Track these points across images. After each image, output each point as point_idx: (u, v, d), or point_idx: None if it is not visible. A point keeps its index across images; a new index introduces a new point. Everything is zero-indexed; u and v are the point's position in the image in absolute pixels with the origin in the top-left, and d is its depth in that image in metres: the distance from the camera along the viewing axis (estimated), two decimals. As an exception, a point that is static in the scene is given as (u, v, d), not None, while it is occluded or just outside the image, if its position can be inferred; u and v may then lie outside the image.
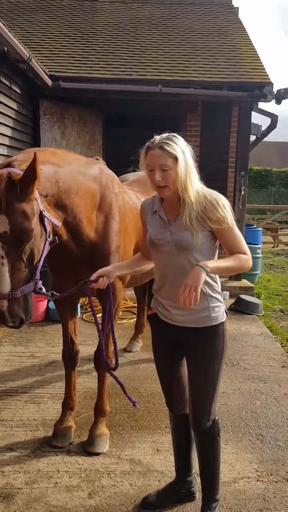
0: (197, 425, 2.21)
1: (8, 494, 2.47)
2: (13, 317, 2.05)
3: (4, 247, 1.95)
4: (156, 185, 2.00)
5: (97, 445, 2.84)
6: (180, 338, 2.19)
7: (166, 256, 2.07)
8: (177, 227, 2.03)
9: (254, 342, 4.83)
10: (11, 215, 1.93)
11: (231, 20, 8.88)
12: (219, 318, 2.12)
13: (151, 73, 6.54)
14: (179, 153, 1.95)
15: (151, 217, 2.17)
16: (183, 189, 1.97)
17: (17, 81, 5.65)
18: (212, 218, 1.97)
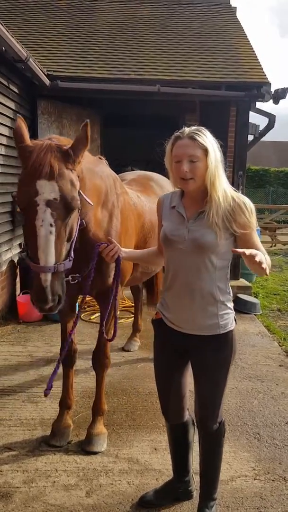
0: (204, 427, 2.20)
1: (6, 493, 2.47)
2: (54, 295, 1.96)
3: (54, 214, 1.92)
4: (182, 177, 1.90)
5: (95, 444, 2.84)
6: (185, 346, 2.10)
7: (180, 254, 1.98)
8: (197, 225, 1.94)
9: (252, 341, 4.84)
10: (61, 182, 1.93)
11: (229, 20, 8.90)
12: (228, 326, 2.04)
13: (149, 73, 6.55)
14: (210, 145, 1.89)
15: (168, 212, 2.08)
16: (211, 184, 1.89)
17: (15, 80, 5.65)
18: (238, 221, 1.90)
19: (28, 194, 1.93)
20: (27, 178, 1.95)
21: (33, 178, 1.92)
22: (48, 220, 1.91)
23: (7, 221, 5.47)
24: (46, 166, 1.91)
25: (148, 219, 3.33)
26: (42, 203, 1.91)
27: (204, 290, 1.98)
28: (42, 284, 1.93)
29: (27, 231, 2.00)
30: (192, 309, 2.01)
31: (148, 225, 3.33)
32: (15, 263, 5.74)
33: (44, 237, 1.91)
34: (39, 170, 1.91)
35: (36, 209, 1.91)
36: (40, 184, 1.91)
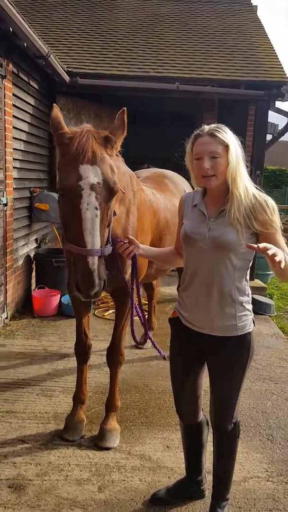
0: (218, 428, 2.19)
1: (19, 485, 2.50)
2: (100, 279, 1.96)
3: (98, 198, 1.96)
4: (203, 174, 1.89)
5: (107, 440, 2.85)
6: (202, 346, 2.09)
7: (199, 252, 1.97)
8: (218, 223, 1.93)
9: (266, 343, 4.81)
10: (103, 167, 1.98)
11: (249, 18, 8.83)
12: (246, 327, 2.02)
13: (169, 71, 6.54)
14: (230, 141, 1.89)
15: (190, 211, 2.07)
16: (232, 181, 1.88)
17: (35, 76, 5.69)
18: (258, 218, 1.88)
19: (72, 178, 1.96)
20: (69, 163, 1.98)
21: (76, 163, 1.96)
22: (93, 203, 1.94)
23: (24, 216, 5.51)
24: (88, 151, 1.96)
25: (163, 216, 3.33)
26: (86, 187, 1.94)
27: (223, 290, 1.97)
28: (89, 268, 1.93)
29: (69, 215, 2.01)
30: (210, 309, 1.99)
31: (163, 222, 3.33)
32: (31, 258, 5.78)
33: (90, 220, 1.94)
34: (81, 155, 1.95)
35: (81, 193, 1.94)
36: (83, 169, 1.95)
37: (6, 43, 4.50)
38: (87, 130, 2.05)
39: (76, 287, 2.01)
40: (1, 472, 2.59)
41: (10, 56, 4.68)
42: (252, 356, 2.08)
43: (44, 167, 6.42)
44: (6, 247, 4.78)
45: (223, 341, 2.01)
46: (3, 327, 4.81)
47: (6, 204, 4.72)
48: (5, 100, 4.58)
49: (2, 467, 2.63)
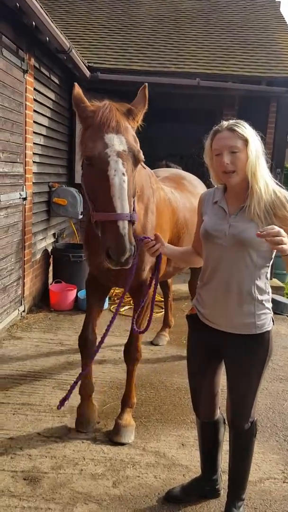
0: (235, 426, 2.17)
1: (34, 477, 2.51)
2: (131, 244, 1.97)
3: (124, 164, 2.01)
4: (223, 170, 1.88)
5: (123, 436, 2.84)
6: (220, 343, 2.07)
7: (219, 249, 1.95)
8: (239, 220, 1.91)
9: (283, 343, 4.75)
10: (127, 136, 2.06)
11: (272, 14, 8.72)
12: (265, 326, 2.00)
13: (189, 66, 6.49)
14: (250, 135, 1.88)
15: (210, 208, 2.06)
16: (252, 175, 1.86)
17: (56, 71, 5.71)
18: (278, 214, 1.86)
19: (98, 147, 2.01)
20: (95, 133, 2.04)
21: (101, 133, 2.02)
22: (120, 169, 1.99)
23: (42, 210, 5.54)
24: (112, 121, 2.03)
25: (182, 215, 3.32)
26: (113, 154, 1.99)
27: (242, 287, 1.95)
28: (120, 232, 1.94)
29: (97, 183, 2.04)
30: (229, 306, 1.97)
31: (182, 221, 3.32)
32: (48, 252, 5.82)
33: (118, 186, 1.98)
34: (106, 125, 2.02)
35: (108, 160, 1.99)
36: (109, 138, 2.01)
37: (29, 37, 4.51)
38: (109, 103, 2.12)
39: (107, 255, 2.00)
40: (16, 464, 2.61)
41: (32, 51, 4.70)
42: (270, 355, 2.05)
43: (63, 162, 6.44)
44: (24, 241, 4.81)
45: (241, 339, 1.99)
46: (20, 320, 4.85)
47: (25, 199, 4.74)
48: (26, 95, 4.59)
49: (18, 459, 2.65)
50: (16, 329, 4.60)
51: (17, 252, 4.64)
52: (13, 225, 4.48)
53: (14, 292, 4.64)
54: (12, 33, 4.14)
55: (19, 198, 4.58)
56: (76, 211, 5.81)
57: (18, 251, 4.67)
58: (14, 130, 4.32)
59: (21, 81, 4.45)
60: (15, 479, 2.49)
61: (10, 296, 4.54)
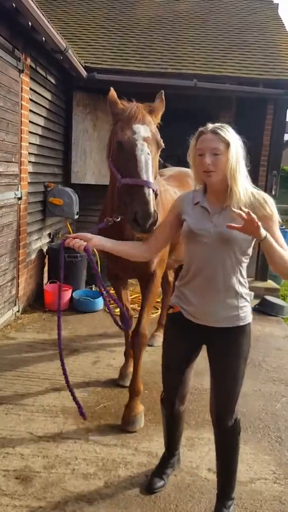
0: (220, 423, 2.21)
1: (26, 476, 2.51)
2: (155, 210, 2.26)
3: (149, 147, 2.43)
4: (205, 169, 1.98)
5: (133, 423, 3.02)
6: (204, 339, 2.16)
7: (205, 248, 2.03)
8: (222, 219, 2.00)
9: (277, 344, 4.76)
10: (150, 126, 2.52)
11: (270, 16, 8.73)
12: (247, 318, 2.11)
13: (187, 67, 6.50)
14: (232, 139, 1.98)
15: (190, 208, 2.13)
16: (231, 177, 1.96)
17: (53, 71, 5.71)
18: (258, 215, 1.92)
19: (129, 133, 2.45)
20: (125, 124, 2.49)
21: (131, 123, 2.48)
22: (146, 150, 2.40)
23: (38, 210, 5.54)
24: (139, 114, 2.51)
25: None
26: (140, 138, 2.43)
27: (227, 283, 2.04)
28: (146, 198, 2.25)
29: (127, 161, 2.41)
30: (214, 301, 2.06)
31: None
32: (43, 252, 5.81)
33: (144, 161, 2.37)
34: (134, 117, 2.49)
35: (136, 143, 2.41)
36: (136, 127, 2.47)
37: (25, 37, 4.51)
38: (135, 103, 2.60)
39: (134, 220, 2.26)
40: (9, 463, 2.61)
41: (28, 51, 4.70)
42: (250, 347, 2.16)
43: (58, 162, 6.44)
44: (19, 241, 4.81)
45: (226, 332, 2.09)
46: (14, 320, 4.85)
47: (20, 198, 4.75)
48: (22, 94, 4.60)
49: (10, 459, 2.65)
50: (10, 330, 4.60)
51: (11, 252, 4.64)
52: (7, 225, 4.48)
53: (8, 292, 4.64)
54: (8, 33, 4.14)
55: (14, 198, 4.58)
56: (72, 211, 5.81)
57: (12, 251, 4.67)
58: (9, 130, 4.32)
59: (17, 81, 4.45)
60: (7, 478, 2.50)
61: (4, 296, 4.54)
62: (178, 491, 2.49)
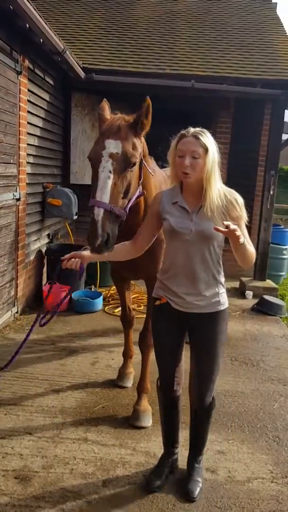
0: (201, 401, 2.43)
1: (25, 476, 2.53)
2: (103, 231, 2.19)
3: (114, 164, 2.29)
4: (183, 170, 2.13)
5: (142, 420, 3.09)
6: (189, 324, 2.35)
7: (186, 244, 2.21)
8: (199, 217, 2.19)
9: (276, 344, 4.78)
10: (124, 142, 2.35)
11: (268, 16, 8.73)
12: (225, 303, 2.35)
13: (184, 68, 6.51)
14: (210, 145, 2.15)
15: (169, 208, 2.29)
16: (207, 180, 2.14)
17: (51, 72, 5.72)
18: (232, 215, 2.18)
19: (98, 149, 2.35)
20: (100, 137, 2.41)
21: (104, 138, 2.36)
22: (108, 167, 2.28)
23: (36, 211, 5.56)
24: (115, 128, 2.38)
25: None
26: (106, 155, 2.31)
27: (208, 273, 2.26)
28: (94, 218, 2.21)
29: (93, 178, 2.34)
30: (199, 291, 2.27)
31: None
32: (42, 253, 5.83)
33: (102, 180, 2.27)
34: (109, 131, 2.37)
35: (101, 159, 2.31)
36: (108, 142, 2.34)
37: (23, 39, 4.53)
38: (120, 116, 2.48)
39: (87, 240, 2.26)
40: (8, 463, 2.63)
41: (26, 52, 4.71)
42: (227, 329, 2.43)
43: (57, 162, 6.46)
44: (18, 242, 4.83)
45: (209, 317, 2.30)
46: (13, 321, 4.86)
47: (19, 199, 4.76)
48: (20, 96, 4.61)
49: (9, 459, 2.67)
50: (8, 331, 4.62)
51: (10, 253, 4.66)
52: (6, 226, 4.49)
53: (7, 293, 4.65)
54: (5, 35, 4.15)
55: (12, 199, 4.59)
56: (71, 212, 5.82)
57: (11, 252, 4.68)
58: (7, 131, 4.34)
59: (15, 83, 4.47)
60: (6, 478, 2.52)
61: (3, 297, 4.56)
62: (175, 490, 2.51)
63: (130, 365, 3.70)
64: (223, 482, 2.59)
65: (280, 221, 13.62)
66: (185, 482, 2.51)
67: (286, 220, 14.92)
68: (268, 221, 6.62)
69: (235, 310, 5.60)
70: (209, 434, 2.63)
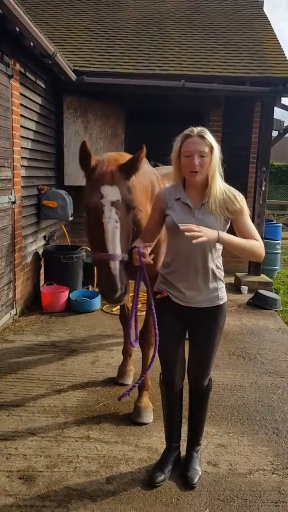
0: (199, 385, 2.55)
1: (29, 476, 2.56)
2: (122, 283, 2.24)
3: (118, 212, 2.28)
4: (192, 170, 2.20)
5: (143, 416, 3.12)
6: (189, 318, 2.41)
7: (188, 240, 2.16)
8: (202, 213, 2.25)
9: (272, 337, 4.84)
10: (121, 187, 2.32)
11: (255, 13, 8.80)
12: (224, 298, 2.42)
13: (174, 68, 6.55)
14: (214, 144, 2.24)
15: (172, 204, 2.33)
16: (212, 176, 2.23)
17: (42, 76, 5.75)
18: (229, 209, 2.25)
19: (95, 197, 2.29)
20: (93, 185, 2.33)
21: (99, 184, 2.30)
22: (113, 217, 2.27)
23: (32, 213, 5.58)
24: (108, 175, 2.31)
25: None
26: (107, 203, 2.27)
27: (208, 269, 2.32)
28: (112, 272, 2.23)
29: (94, 228, 2.31)
30: (199, 286, 2.33)
31: None
32: (39, 255, 5.85)
33: (111, 231, 2.26)
34: (103, 178, 2.30)
35: (103, 209, 2.27)
36: (104, 189, 2.29)
37: (13, 43, 4.55)
38: (108, 158, 2.40)
39: (102, 292, 2.31)
40: (12, 464, 2.66)
41: (17, 56, 4.73)
42: (225, 321, 2.49)
43: (51, 164, 6.48)
44: (14, 244, 4.85)
45: (208, 311, 2.36)
46: (12, 323, 4.89)
47: (14, 202, 4.78)
48: (12, 100, 4.63)
49: (13, 459, 2.70)
50: (8, 333, 4.64)
51: (7, 256, 4.68)
52: (2, 229, 4.52)
53: (5, 296, 4.68)
54: (-4, 40, 4.18)
55: (8, 202, 4.62)
56: (66, 213, 5.85)
57: (8, 254, 4.71)
58: (1, 135, 4.36)
59: (6, 87, 4.49)
60: (11, 478, 2.54)
61: (2, 300, 4.58)
62: (179, 484, 2.55)
63: (130, 363, 3.74)
64: (225, 475, 2.64)
65: (272, 216, 13.73)
66: (185, 471, 2.59)
67: (278, 215, 15.02)
68: (261, 216, 6.69)
69: (231, 305, 5.66)
70: (210, 428, 2.69)
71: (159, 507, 2.37)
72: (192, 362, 2.52)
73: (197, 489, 2.51)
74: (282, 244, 8.82)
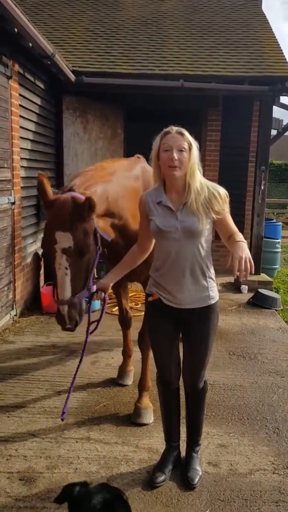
0: (193, 387, 2.54)
1: (30, 477, 2.56)
2: (71, 320, 2.33)
3: (68, 259, 2.26)
4: (171, 164, 2.19)
5: (143, 417, 3.12)
6: (182, 319, 2.39)
7: (174, 243, 2.26)
8: (184, 214, 2.24)
9: (272, 337, 4.83)
10: (74, 233, 2.24)
11: (253, 12, 8.80)
12: (216, 297, 2.40)
13: (173, 68, 6.55)
14: (193, 142, 2.26)
15: (154, 208, 2.34)
16: (191, 174, 2.22)
17: (41, 76, 5.74)
18: (215, 209, 2.24)
19: (49, 243, 2.28)
20: (47, 229, 2.32)
21: (52, 229, 2.26)
22: (64, 264, 2.26)
23: (32, 214, 5.58)
24: (62, 218, 2.23)
25: None
26: (59, 250, 2.25)
27: (198, 269, 2.31)
28: (60, 313, 2.32)
29: (52, 270, 2.35)
30: (189, 287, 2.32)
31: None
32: (39, 255, 5.85)
33: (60, 278, 2.28)
34: (56, 222, 2.25)
35: (55, 255, 2.27)
36: (57, 235, 2.24)
37: (12, 44, 4.55)
38: (65, 198, 2.27)
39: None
40: (12, 465, 2.66)
41: (15, 57, 4.73)
42: (218, 321, 2.48)
43: (51, 165, 6.48)
44: (14, 245, 4.85)
45: (200, 311, 2.35)
46: (12, 324, 4.89)
47: (14, 203, 4.78)
48: (11, 100, 4.63)
49: (13, 461, 2.70)
50: (8, 333, 4.64)
51: (7, 257, 4.68)
52: (2, 229, 4.51)
53: (5, 297, 4.68)
54: (-5, 40, 4.17)
55: (7, 203, 4.62)
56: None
57: (8, 255, 4.71)
58: (0, 136, 4.36)
59: (5, 87, 4.49)
60: (11, 480, 2.54)
61: (1, 301, 4.58)
62: (179, 485, 2.54)
63: (130, 363, 3.74)
64: (226, 475, 2.63)
65: (272, 215, 13.71)
66: (185, 471, 2.59)
67: (278, 214, 15.01)
68: (261, 215, 6.68)
69: (231, 305, 5.64)
70: (210, 428, 2.68)
71: (160, 507, 2.37)
72: (187, 364, 2.52)
73: (197, 490, 2.51)
74: (282, 242, 8.82)
